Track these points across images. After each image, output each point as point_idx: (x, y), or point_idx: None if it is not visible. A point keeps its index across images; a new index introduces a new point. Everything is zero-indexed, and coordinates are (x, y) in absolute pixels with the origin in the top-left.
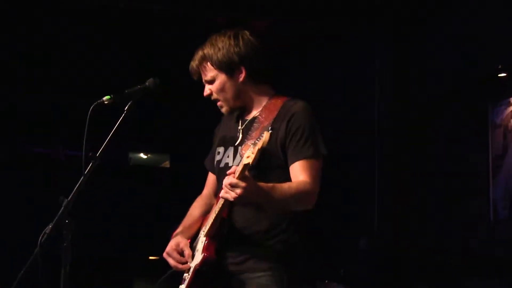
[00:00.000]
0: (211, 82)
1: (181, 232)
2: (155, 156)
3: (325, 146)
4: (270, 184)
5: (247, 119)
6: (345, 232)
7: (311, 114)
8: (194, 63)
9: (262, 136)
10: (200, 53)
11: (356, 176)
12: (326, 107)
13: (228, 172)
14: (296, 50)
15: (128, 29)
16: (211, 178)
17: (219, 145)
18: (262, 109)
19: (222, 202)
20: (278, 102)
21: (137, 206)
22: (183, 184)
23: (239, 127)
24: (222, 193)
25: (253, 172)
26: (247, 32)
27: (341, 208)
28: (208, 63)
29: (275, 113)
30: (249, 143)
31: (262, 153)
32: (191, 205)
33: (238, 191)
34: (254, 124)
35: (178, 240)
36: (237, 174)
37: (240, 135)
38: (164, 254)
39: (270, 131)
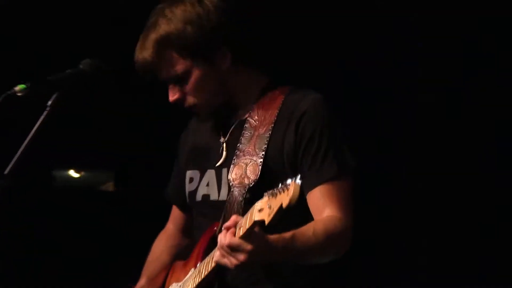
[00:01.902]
0: (181, 79)
1: (148, 285)
2: (92, 175)
3: (355, 155)
4: (289, 235)
5: (232, 125)
6: None
7: (328, 111)
8: (146, 54)
9: (286, 186)
10: (153, 36)
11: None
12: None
13: (225, 225)
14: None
15: None
16: (177, 211)
17: (191, 167)
18: (253, 108)
19: (212, 266)
20: (277, 96)
21: (66, 245)
22: (134, 214)
23: (221, 139)
24: (216, 257)
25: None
26: None
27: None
28: (174, 52)
29: (275, 113)
30: (241, 163)
31: (267, 180)
32: (154, 244)
33: (241, 257)
34: (244, 132)
35: None
36: (240, 232)
37: (224, 151)
38: None
39: (299, 182)
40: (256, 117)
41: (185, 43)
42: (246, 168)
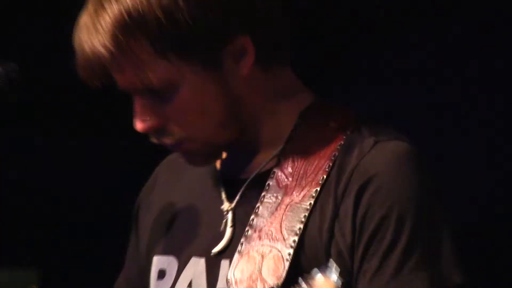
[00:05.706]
0: (159, 94)
1: None
2: (13, 275)
3: (463, 265)
4: None
5: (244, 179)
6: None
7: (421, 177)
8: (97, 44)
9: (307, 281)
10: (110, 13)
11: None
12: None
13: None
14: None
15: None
16: None
17: (161, 250)
18: (285, 150)
19: None
20: (331, 133)
21: None
22: None
23: (225, 203)
24: None
25: None
26: None
27: None
28: (149, 44)
29: (325, 166)
30: (254, 253)
31: None
32: None
33: None
34: (266, 196)
35: None
36: None
37: (229, 228)
38: None
39: (335, 278)
40: (289, 169)
41: (172, 30)
42: (261, 262)
